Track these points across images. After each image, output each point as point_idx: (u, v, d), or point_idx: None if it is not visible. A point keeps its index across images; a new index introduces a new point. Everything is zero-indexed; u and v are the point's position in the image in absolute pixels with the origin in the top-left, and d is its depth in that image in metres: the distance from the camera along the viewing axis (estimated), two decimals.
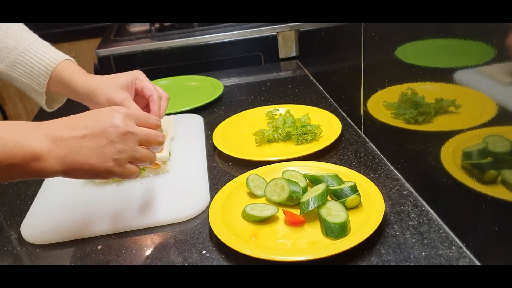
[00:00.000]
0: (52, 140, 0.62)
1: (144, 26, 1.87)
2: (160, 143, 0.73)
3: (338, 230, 0.69)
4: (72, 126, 0.64)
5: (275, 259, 0.65)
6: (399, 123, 0.84)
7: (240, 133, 1.08)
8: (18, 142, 0.60)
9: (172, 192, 0.86)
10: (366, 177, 0.82)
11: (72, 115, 0.67)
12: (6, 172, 0.61)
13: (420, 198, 0.77)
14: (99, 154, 0.64)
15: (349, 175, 0.83)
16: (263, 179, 0.84)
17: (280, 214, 0.76)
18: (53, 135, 0.63)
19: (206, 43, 1.60)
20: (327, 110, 1.13)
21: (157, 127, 0.74)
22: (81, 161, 0.63)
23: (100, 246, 0.75)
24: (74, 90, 0.94)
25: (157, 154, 0.90)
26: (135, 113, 0.71)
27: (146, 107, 0.94)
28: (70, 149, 0.63)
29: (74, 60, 0.99)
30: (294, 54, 1.64)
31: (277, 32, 1.61)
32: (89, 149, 0.64)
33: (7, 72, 0.95)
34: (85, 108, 0.98)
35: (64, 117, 0.66)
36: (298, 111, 1.13)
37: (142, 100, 0.95)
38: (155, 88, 0.94)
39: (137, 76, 0.93)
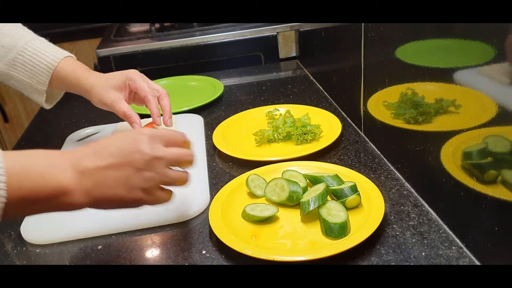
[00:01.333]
0: (78, 172, 0.59)
1: (144, 26, 1.87)
2: (191, 163, 0.68)
3: (338, 230, 0.69)
4: (96, 155, 0.60)
5: (275, 259, 0.65)
6: (399, 123, 0.84)
7: (240, 133, 1.08)
8: (45, 176, 0.57)
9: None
10: (366, 177, 0.82)
11: (96, 140, 0.63)
12: (32, 206, 0.57)
13: (420, 198, 0.77)
14: (127, 184, 0.61)
15: (349, 175, 0.83)
16: (263, 179, 0.84)
17: (280, 214, 0.76)
18: (79, 166, 0.59)
19: (206, 43, 1.60)
20: (327, 110, 1.13)
21: (186, 144, 0.69)
22: (109, 194, 0.60)
23: (100, 246, 0.75)
24: (73, 88, 0.95)
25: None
26: (161, 134, 0.66)
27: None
28: (97, 182, 0.59)
29: (73, 56, 1.00)
30: (294, 54, 1.64)
31: (277, 32, 1.61)
32: (116, 180, 0.60)
33: (6, 71, 0.94)
34: (83, 101, 0.98)
35: (89, 143, 0.63)
36: (298, 111, 1.13)
37: (142, 100, 0.95)
38: (150, 87, 0.94)
39: (131, 77, 0.93)
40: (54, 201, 0.58)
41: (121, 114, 0.92)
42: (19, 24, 0.98)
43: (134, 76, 0.93)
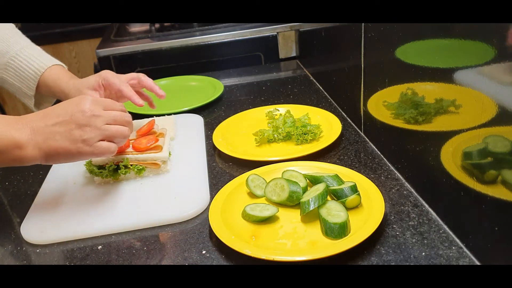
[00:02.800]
0: (30, 130, 0.71)
1: (144, 26, 1.87)
2: (128, 123, 0.80)
3: (338, 230, 0.69)
4: (45, 116, 0.73)
5: (275, 259, 0.65)
6: (399, 123, 0.84)
7: (240, 133, 1.08)
8: (2, 133, 0.70)
9: (172, 192, 0.86)
10: (366, 177, 0.82)
11: (47, 108, 0.76)
12: None
13: (420, 198, 0.77)
14: (70, 137, 0.72)
15: (349, 175, 0.83)
16: (263, 179, 0.84)
17: (280, 214, 0.76)
18: (30, 126, 0.72)
19: (206, 43, 1.60)
20: (327, 110, 1.13)
21: (123, 111, 0.80)
22: (55, 146, 0.72)
23: (100, 246, 0.75)
24: (56, 94, 1.02)
25: (157, 154, 0.91)
26: (102, 99, 0.79)
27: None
28: (46, 136, 0.72)
29: (63, 65, 1.06)
30: (294, 54, 1.64)
31: (277, 32, 1.61)
32: (61, 134, 0.72)
33: (0, 74, 1.02)
34: None
35: (40, 110, 0.76)
36: (298, 111, 1.13)
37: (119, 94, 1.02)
38: (121, 80, 0.99)
39: (103, 76, 0.99)
40: (9, 153, 0.70)
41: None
42: (17, 31, 1.05)
43: (107, 74, 0.99)
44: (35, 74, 1.01)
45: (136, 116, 1.23)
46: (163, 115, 1.21)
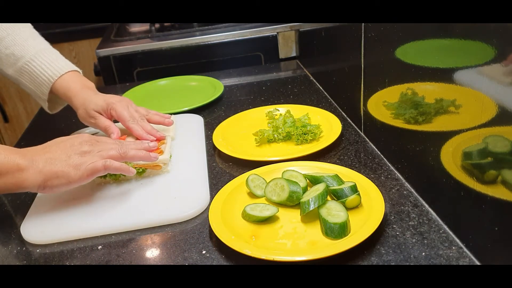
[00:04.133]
0: (31, 157, 0.76)
1: (144, 26, 1.87)
2: (125, 153, 0.83)
3: (338, 230, 0.69)
4: (43, 150, 0.78)
5: (275, 259, 0.65)
6: (399, 123, 0.84)
7: (240, 133, 1.08)
8: (5, 157, 0.73)
9: (172, 192, 0.86)
10: (366, 177, 0.82)
11: (45, 144, 0.80)
12: None
13: (420, 198, 0.77)
14: (69, 162, 0.77)
15: (349, 175, 0.83)
16: (263, 179, 0.84)
17: (280, 214, 0.76)
18: (30, 156, 0.76)
19: (206, 43, 1.60)
20: (327, 110, 1.13)
21: (122, 158, 0.83)
22: (55, 170, 0.76)
23: (100, 246, 0.75)
24: (67, 102, 1.05)
25: (159, 157, 0.90)
26: (99, 137, 0.85)
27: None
28: (45, 162, 0.76)
29: (78, 69, 1.07)
30: (294, 54, 1.64)
31: (277, 32, 1.61)
32: (60, 160, 0.77)
33: (15, 76, 1.04)
34: None
35: (38, 145, 0.80)
36: (298, 111, 1.13)
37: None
38: (131, 114, 0.99)
39: (113, 107, 0.99)
40: (11, 175, 0.73)
41: (103, 128, 0.99)
42: (33, 34, 1.06)
43: (116, 106, 0.99)
44: (48, 81, 1.02)
45: None
46: None
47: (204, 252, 0.71)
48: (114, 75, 1.60)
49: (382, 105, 0.89)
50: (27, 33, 1.05)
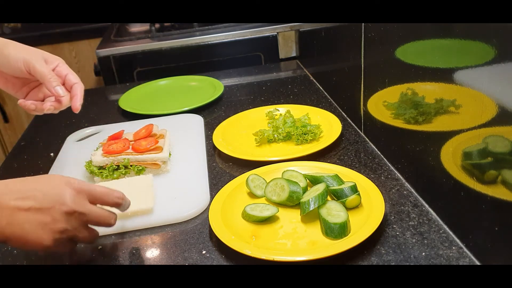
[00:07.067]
0: None
1: (144, 26, 1.87)
2: (110, 225, 0.69)
3: (338, 230, 0.69)
4: (21, 194, 0.62)
5: (275, 259, 0.65)
6: (399, 123, 0.84)
7: (240, 133, 1.08)
8: None
9: (172, 192, 0.86)
10: (366, 177, 0.82)
11: (25, 178, 0.65)
12: None
13: (420, 198, 0.77)
14: (40, 231, 0.62)
15: (349, 175, 0.83)
16: (263, 179, 0.84)
17: (280, 214, 0.76)
18: (1, 201, 0.60)
19: (206, 43, 1.60)
20: (327, 110, 1.13)
21: (118, 205, 0.70)
22: (20, 235, 0.61)
23: (100, 246, 0.75)
24: None
25: (157, 155, 0.91)
26: (91, 189, 0.67)
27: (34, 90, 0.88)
28: (12, 221, 0.60)
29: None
30: (294, 54, 1.64)
31: (277, 32, 1.61)
32: (31, 225, 0.61)
33: None
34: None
35: (18, 179, 0.64)
36: (298, 111, 1.13)
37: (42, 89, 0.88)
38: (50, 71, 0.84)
39: (30, 64, 0.81)
40: None
41: (40, 75, 0.82)
42: None
43: (35, 64, 0.82)
44: None
45: (135, 116, 1.23)
46: (163, 115, 1.21)
47: (204, 252, 0.71)
48: (114, 75, 1.60)
49: (382, 105, 0.89)
50: None
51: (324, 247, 0.67)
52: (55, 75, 0.83)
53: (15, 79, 0.86)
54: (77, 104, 0.84)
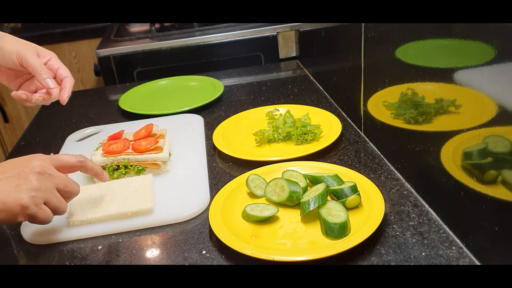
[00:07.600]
0: None
1: (144, 26, 1.87)
2: (77, 193, 0.73)
3: (338, 230, 0.69)
4: None
5: (275, 259, 0.65)
6: (399, 123, 0.84)
7: (240, 133, 1.08)
8: None
9: (172, 192, 0.86)
10: (366, 177, 0.82)
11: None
12: None
13: (420, 198, 0.77)
14: (14, 192, 0.65)
15: (349, 175, 0.83)
16: (263, 179, 0.84)
17: (280, 214, 0.76)
18: None
19: (206, 43, 1.60)
20: (327, 110, 1.13)
21: (81, 167, 0.75)
22: None
23: (100, 246, 0.75)
24: None
25: (157, 155, 0.91)
26: (55, 156, 0.72)
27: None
28: None
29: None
30: (294, 54, 1.64)
31: (277, 32, 1.61)
32: (5, 190, 0.64)
33: None
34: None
35: None
36: (298, 111, 1.13)
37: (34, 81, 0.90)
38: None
39: (23, 57, 0.84)
40: None
41: (32, 68, 0.85)
42: None
43: (27, 57, 0.84)
44: None
45: (135, 116, 1.23)
46: (163, 115, 1.21)
47: (204, 252, 0.71)
48: (114, 75, 1.60)
49: (382, 105, 0.89)
50: None
51: (324, 247, 0.67)
52: (46, 68, 0.86)
53: (9, 71, 0.89)
54: (65, 96, 0.87)
